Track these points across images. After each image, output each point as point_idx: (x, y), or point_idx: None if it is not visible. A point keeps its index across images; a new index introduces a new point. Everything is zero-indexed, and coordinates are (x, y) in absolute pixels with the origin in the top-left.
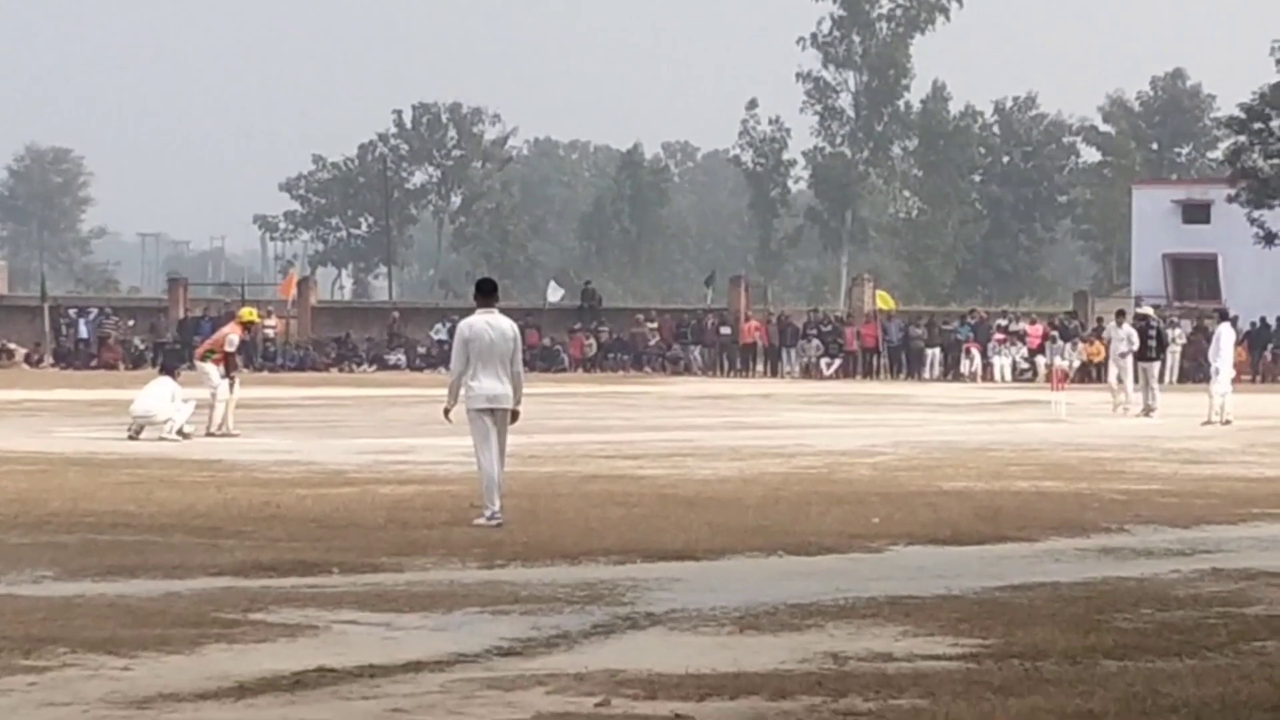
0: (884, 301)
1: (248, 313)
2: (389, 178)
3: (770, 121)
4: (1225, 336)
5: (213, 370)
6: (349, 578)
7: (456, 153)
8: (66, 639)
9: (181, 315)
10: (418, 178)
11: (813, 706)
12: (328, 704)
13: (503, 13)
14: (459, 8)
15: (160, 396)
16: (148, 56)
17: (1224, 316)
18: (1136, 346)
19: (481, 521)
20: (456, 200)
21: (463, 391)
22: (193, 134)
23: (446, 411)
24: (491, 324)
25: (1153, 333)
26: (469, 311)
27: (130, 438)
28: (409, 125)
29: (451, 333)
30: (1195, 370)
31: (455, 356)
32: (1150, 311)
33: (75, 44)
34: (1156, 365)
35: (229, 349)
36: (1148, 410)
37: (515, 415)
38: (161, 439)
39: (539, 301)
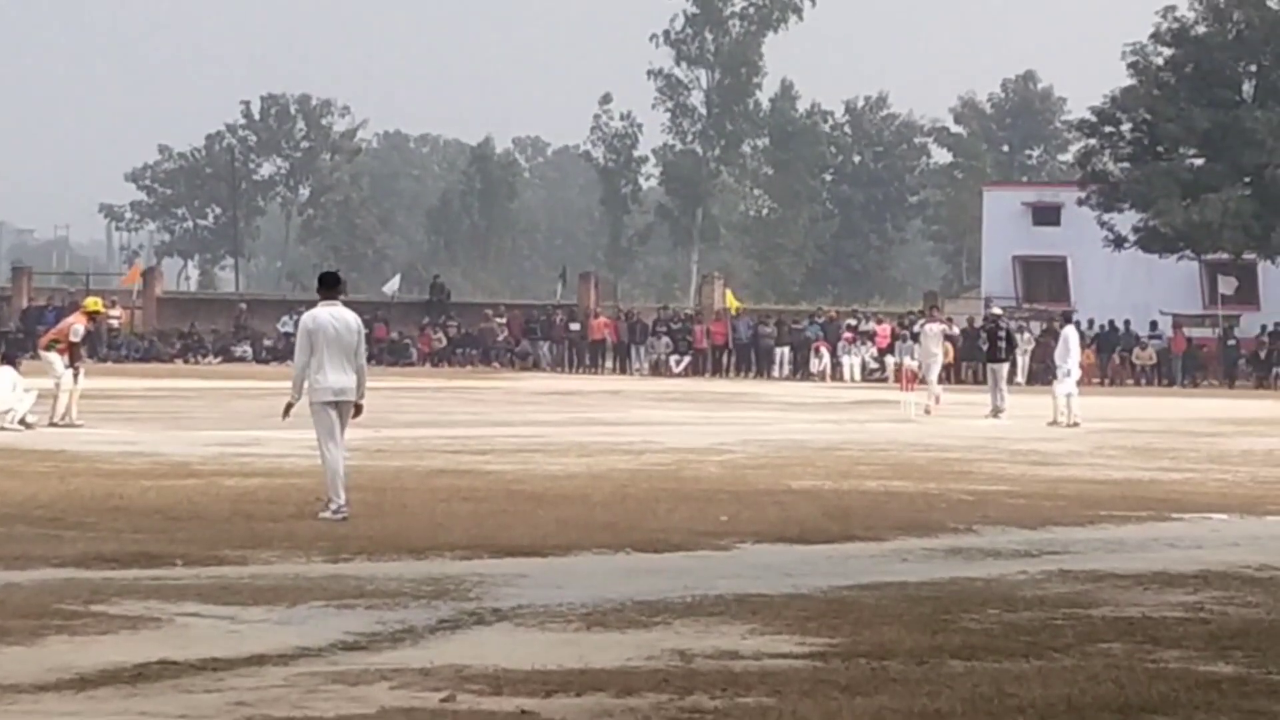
0: (731, 302)
1: (93, 303)
2: (237, 168)
3: (622, 117)
4: (1071, 339)
5: (57, 360)
6: (193, 570)
7: (305, 144)
8: None
9: (25, 305)
10: (266, 169)
11: (659, 704)
12: (170, 697)
13: (354, 4)
14: None
15: (1, 386)
16: None
17: (1068, 319)
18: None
19: (327, 515)
20: (305, 192)
21: (306, 385)
22: (37, 121)
23: (289, 407)
24: (335, 316)
25: (1002, 334)
26: (315, 304)
27: None
28: (257, 116)
29: (298, 325)
30: (1044, 372)
31: (299, 349)
32: (999, 312)
33: None
34: (1005, 366)
35: (74, 339)
36: (996, 411)
37: (359, 409)
38: (2, 429)
39: (385, 296)
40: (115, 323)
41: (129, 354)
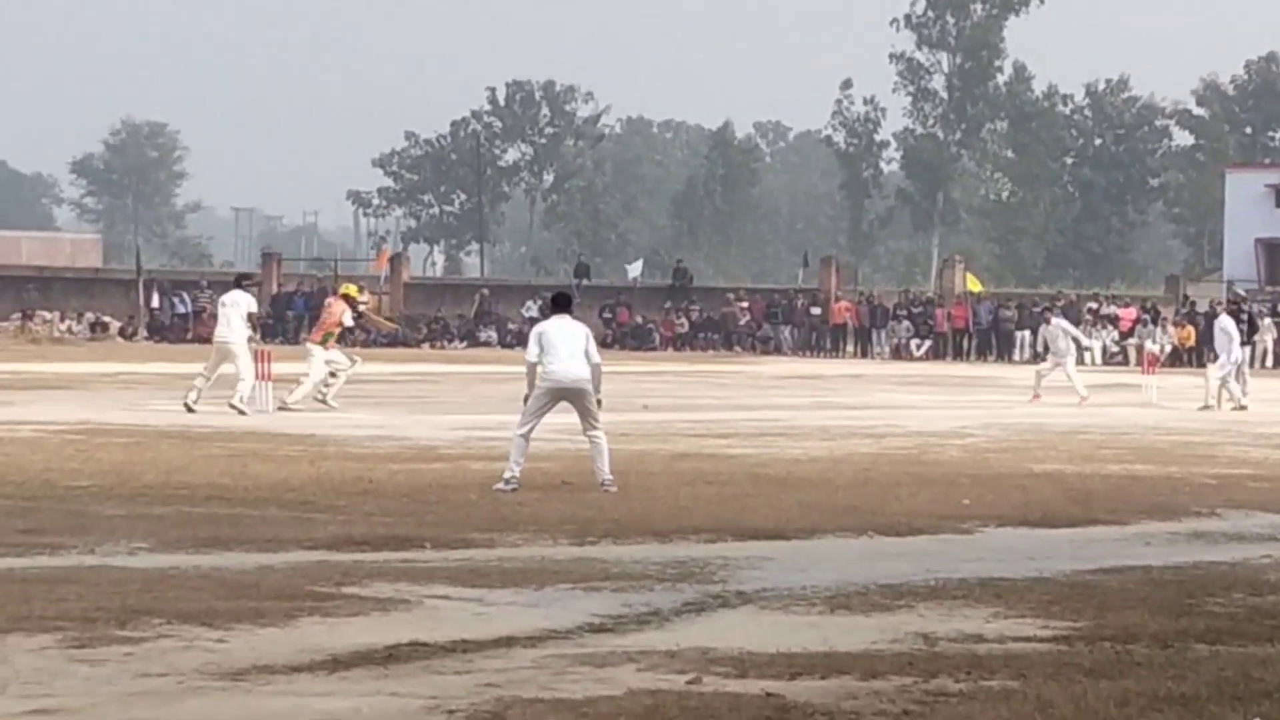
0: (973, 284)
1: (350, 288)
2: (482, 155)
3: (865, 102)
4: (1229, 327)
5: (319, 352)
6: (441, 553)
7: (549, 130)
8: (161, 610)
9: (275, 290)
10: (510, 155)
11: (904, 687)
12: (420, 678)
13: None
14: None
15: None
16: (243, 31)
17: (1233, 307)
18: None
19: (500, 486)
20: (549, 178)
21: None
22: (287, 109)
23: (527, 398)
24: (561, 326)
25: (1244, 317)
26: (561, 288)
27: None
28: (502, 103)
29: (542, 310)
30: None
31: (530, 348)
32: (1243, 295)
33: (171, 18)
34: (1245, 350)
35: (348, 324)
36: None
37: (598, 404)
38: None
39: (629, 281)
40: (364, 308)
41: (377, 339)
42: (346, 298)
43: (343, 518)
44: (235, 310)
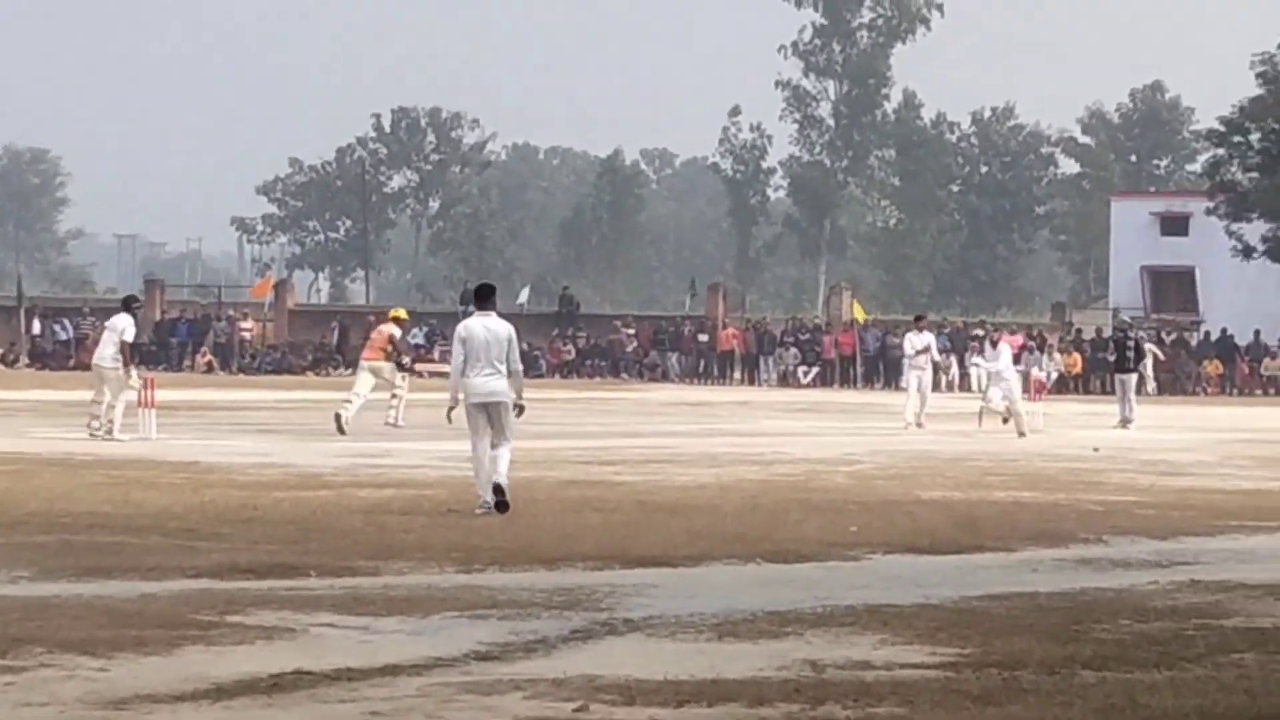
0: (857, 312)
1: (399, 311)
2: (367, 181)
3: (752, 129)
4: (1002, 349)
5: (386, 367)
6: (326, 580)
7: (435, 157)
8: (43, 639)
9: (158, 317)
10: (396, 181)
11: (791, 714)
12: (305, 707)
13: (483, 18)
14: (438, 12)
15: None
16: (126, 58)
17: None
18: (923, 355)
19: (479, 510)
20: (435, 205)
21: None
22: (170, 136)
23: (450, 409)
24: (487, 326)
25: (1130, 344)
26: (446, 315)
27: None
28: (388, 129)
29: (428, 337)
30: (1174, 383)
31: (454, 356)
32: (1129, 322)
33: (53, 45)
34: (1134, 377)
35: (403, 349)
36: (1125, 422)
37: (521, 409)
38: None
39: (515, 307)
40: (247, 335)
41: (261, 365)
42: (397, 320)
43: (227, 545)
44: (112, 334)
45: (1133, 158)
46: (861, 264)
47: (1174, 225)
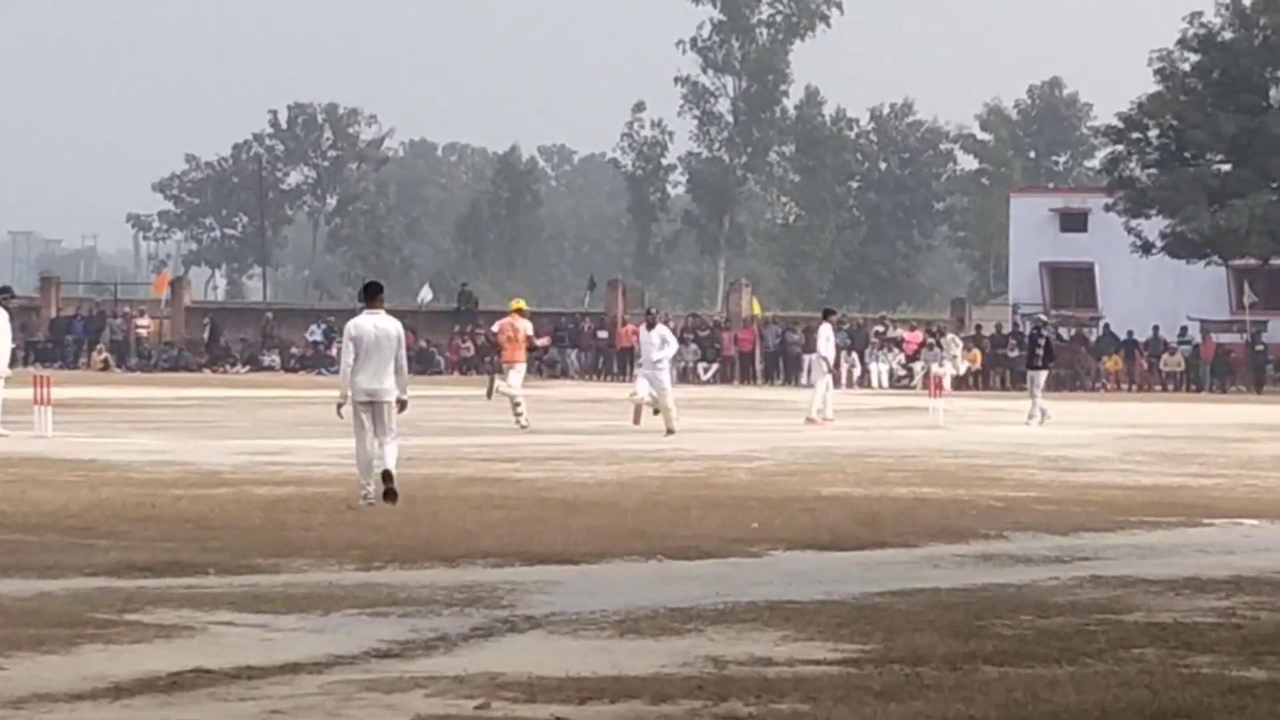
0: (755, 308)
1: (519, 303)
2: (264, 178)
3: (653, 125)
4: (825, 333)
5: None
6: (225, 579)
7: (332, 153)
8: None
9: (54, 314)
10: (293, 178)
11: (693, 710)
12: (205, 705)
13: (380, 12)
14: (334, 7)
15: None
16: (19, 53)
17: (826, 315)
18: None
19: (361, 502)
20: (332, 201)
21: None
22: (66, 133)
23: (339, 405)
24: (377, 324)
25: (1042, 340)
26: (344, 312)
27: None
28: (284, 125)
29: (326, 334)
30: (1071, 379)
31: (344, 353)
32: (1044, 319)
33: None
34: (1044, 374)
35: (537, 340)
36: (1035, 417)
37: (403, 405)
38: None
39: (415, 304)
40: (144, 332)
41: (158, 363)
42: (520, 312)
43: (124, 544)
44: None
45: (1031, 154)
46: (761, 260)
47: (1073, 221)
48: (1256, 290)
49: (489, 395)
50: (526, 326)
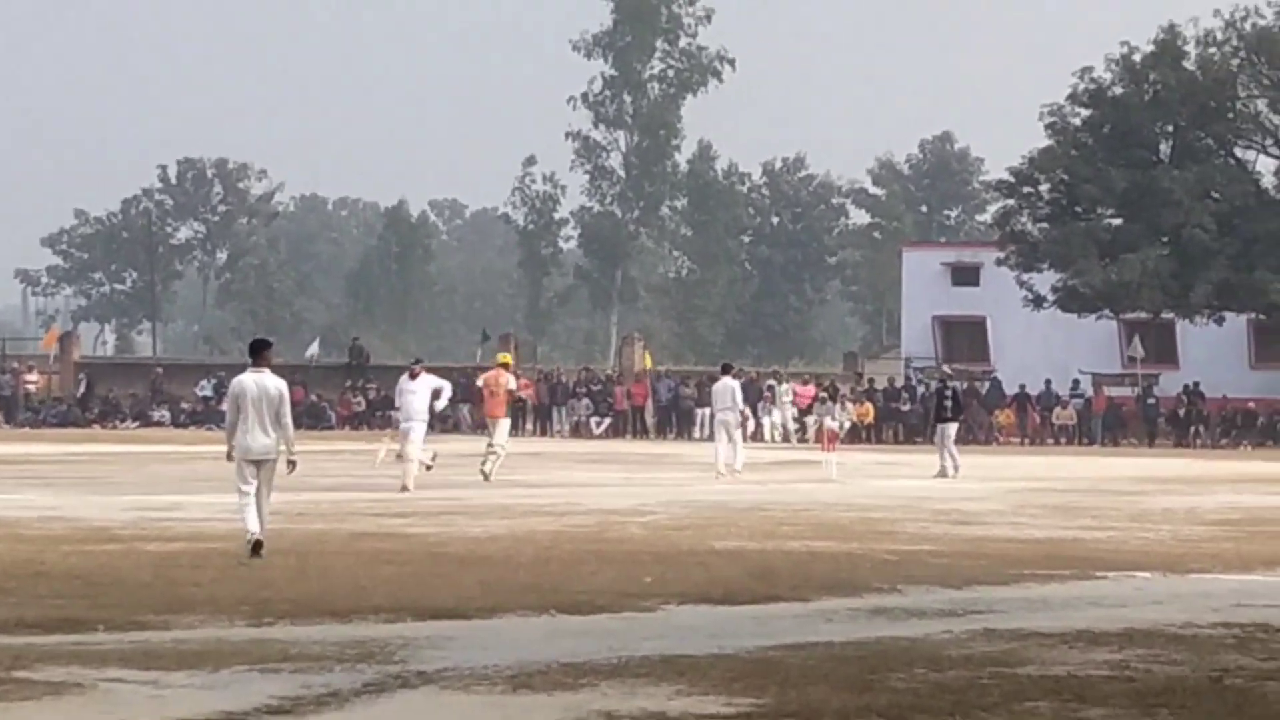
0: (646, 361)
1: (505, 357)
2: (153, 233)
3: (545, 179)
4: (733, 389)
5: (505, 426)
6: (115, 635)
7: (222, 208)
8: None
9: None
10: (183, 233)
11: None
12: None
13: (270, 66)
14: (224, 62)
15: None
16: None
17: (726, 370)
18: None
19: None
20: (222, 256)
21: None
22: None
23: (229, 454)
24: (258, 381)
25: (949, 394)
26: (234, 367)
27: None
28: (174, 180)
29: (216, 389)
30: (966, 432)
31: (229, 411)
32: (950, 372)
33: None
34: (954, 426)
35: (512, 387)
36: (945, 472)
37: (293, 464)
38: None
39: (305, 359)
40: (32, 387)
41: (46, 418)
42: (506, 366)
43: (13, 600)
44: None
45: (923, 208)
46: (653, 314)
47: (965, 275)
48: (1147, 344)
49: (378, 463)
50: (510, 381)
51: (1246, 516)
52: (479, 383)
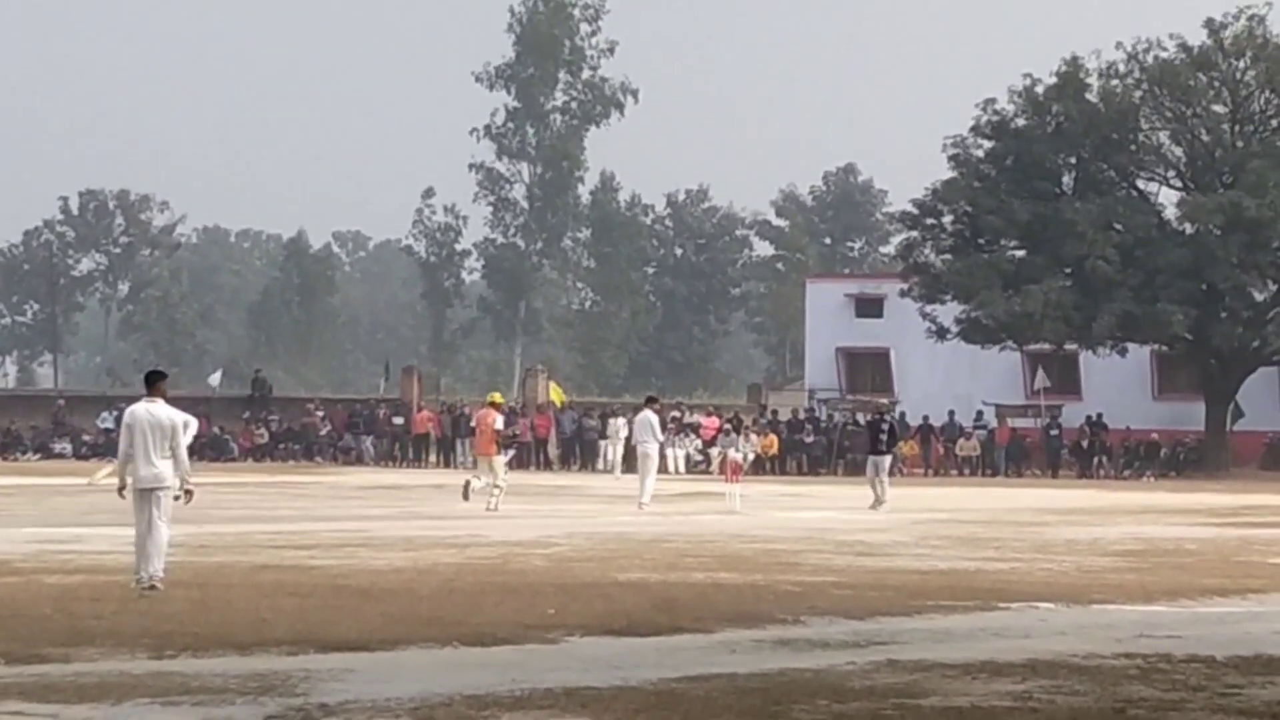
0: (555, 395)
1: (496, 396)
2: (55, 265)
3: (446, 211)
4: (653, 421)
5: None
6: (14, 668)
7: (124, 240)
8: None
9: None
10: (84, 265)
11: None
12: None
13: (172, 97)
14: (124, 93)
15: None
16: None
17: (650, 402)
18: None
19: (134, 587)
20: (124, 288)
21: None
22: None
23: (121, 488)
24: (150, 412)
25: (884, 426)
26: (136, 399)
27: None
28: (75, 211)
29: (118, 421)
30: (859, 465)
31: (121, 441)
32: (885, 404)
33: None
34: (887, 459)
35: (499, 428)
36: (877, 503)
37: (190, 494)
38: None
39: (207, 390)
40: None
41: None
42: (495, 406)
43: None
44: None
45: (827, 240)
46: (557, 346)
47: (868, 307)
48: (1051, 375)
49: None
50: (497, 421)
51: (1149, 547)
52: (473, 422)
